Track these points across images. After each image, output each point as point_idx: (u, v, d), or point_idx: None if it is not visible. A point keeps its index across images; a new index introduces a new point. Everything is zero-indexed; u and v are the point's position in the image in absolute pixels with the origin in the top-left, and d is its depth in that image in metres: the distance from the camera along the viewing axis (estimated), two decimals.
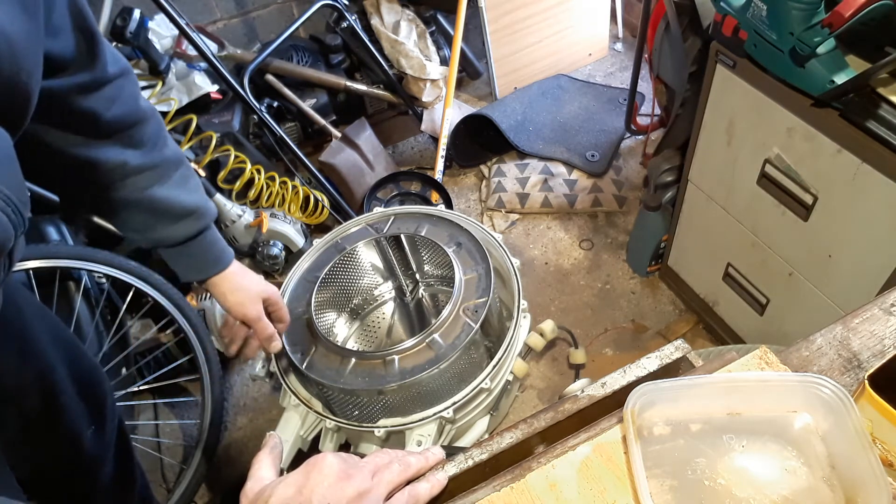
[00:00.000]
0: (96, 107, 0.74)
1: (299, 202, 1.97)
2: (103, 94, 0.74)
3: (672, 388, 0.53)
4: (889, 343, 0.59)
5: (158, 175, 0.82)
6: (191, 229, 0.88)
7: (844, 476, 0.49)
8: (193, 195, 0.87)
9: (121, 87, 0.76)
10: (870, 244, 1.10)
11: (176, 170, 0.85)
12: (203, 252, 0.91)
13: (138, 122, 0.79)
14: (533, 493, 0.52)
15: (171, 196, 0.84)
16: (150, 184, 0.82)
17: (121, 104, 0.76)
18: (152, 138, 0.81)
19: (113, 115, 0.75)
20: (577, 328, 1.80)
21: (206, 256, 0.92)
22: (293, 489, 0.50)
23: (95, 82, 0.73)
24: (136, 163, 0.79)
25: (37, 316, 0.89)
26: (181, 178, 0.85)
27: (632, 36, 2.78)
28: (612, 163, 2.22)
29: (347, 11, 2.11)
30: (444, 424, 1.18)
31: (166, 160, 0.83)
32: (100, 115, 0.74)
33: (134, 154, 0.79)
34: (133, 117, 0.78)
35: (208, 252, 0.92)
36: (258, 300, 0.98)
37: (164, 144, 0.84)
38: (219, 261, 0.93)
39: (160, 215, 0.85)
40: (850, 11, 0.90)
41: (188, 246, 0.89)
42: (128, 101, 0.77)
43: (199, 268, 0.92)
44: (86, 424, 0.96)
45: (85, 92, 0.72)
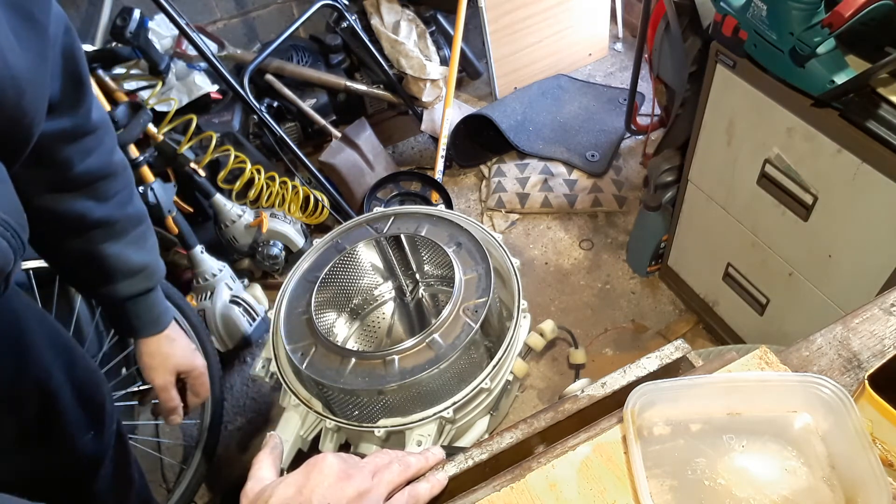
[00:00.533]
0: (72, 157, 0.72)
1: (299, 202, 1.97)
2: (82, 144, 0.73)
3: (672, 388, 0.53)
4: (889, 343, 0.59)
5: (116, 231, 0.81)
6: (134, 289, 0.86)
7: (844, 476, 0.49)
8: (147, 255, 0.86)
9: (100, 140, 0.76)
10: (870, 244, 1.10)
11: (135, 228, 0.84)
12: (139, 314, 0.89)
13: (108, 176, 0.78)
14: (533, 493, 0.52)
15: (124, 254, 0.83)
16: (105, 239, 0.80)
17: (96, 157, 0.75)
18: (119, 193, 0.80)
19: (86, 168, 0.74)
20: (577, 328, 1.80)
21: (140, 318, 0.90)
22: (293, 489, 0.50)
23: (76, 131, 0.72)
24: (97, 216, 0.78)
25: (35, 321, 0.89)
26: (138, 237, 0.85)
27: (632, 36, 2.78)
28: (612, 163, 2.22)
29: (347, 11, 2.11)
30: (444, 424, 1.18)
31: (127, 217, 0.82)
32: (73, 166, 0.73)
33: (97, 207, 0.78)
34: (104, 171, 0.77)
35: (144, 314, 0.90)
36: (171, 371, 0.95)
37: (129, 201, 0.83)
38: (154, 324, 0.91)
39: (108, 271, 0.83)
40: (850, 11, 0.90)
41: (128, 305, 0.87)
42: (103, 154, 0.76)
43: (131, 327, 0.90)
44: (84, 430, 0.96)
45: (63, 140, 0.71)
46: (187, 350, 0.97)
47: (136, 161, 1.61)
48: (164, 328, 0.92)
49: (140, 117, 1.61)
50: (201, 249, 1.72)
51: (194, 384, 1.00)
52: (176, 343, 0.95)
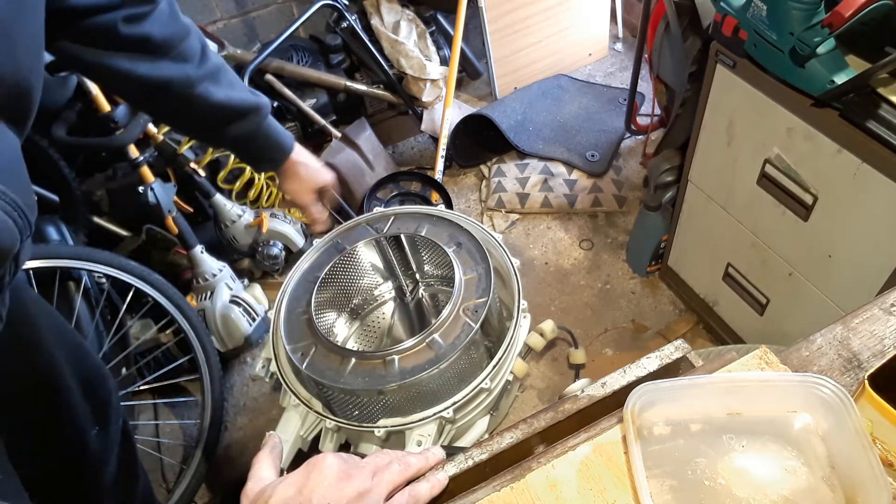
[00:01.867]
0: (149, 31, 0.81)
1: None
2: (152, 20, 0.81)
3: (672, 388, 0.53)
4: (889, 343, 0.59)
5: (215, 81, 0.89)
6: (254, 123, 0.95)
7: (844, 476, 0.49)
8: (245, 93, 0.94)
9: (163, 11, 0.83)
10: (870, 244, 1.10)
11: (225, 73, 0.92)
12: (267, 142, 0.99)
13: (185, 37, 0.86)
14: (533, 493, 0.52)
15: (231, 97, 0.91)
16: (212, 90, 0.89)
17: (168, 24, 0.83)
18: (200, 50, 0.88)
19: (164, 36, 0.82)
20: (577, 328, 1.80)
21: (270, 145, 1.00)
22: (293, 489, 0.50)
23: (142, 13, 0.80)
24: (196, 74, 0.87)
25: (42, 316, 0.89)
26: (230, 81, 0.93)
27: (632, 36, 2.78)
28: (612, 163, 2.22)
29: (347, 11, 2.11)
30: (444, 424, 1.18)
31: (216, 66, 0.90)
32: (153, 38, 0.81)
33: (189, 67, 0.86)
34: (180, 34, 0.85)
35: (271, 141, 1.00)
36: (313, 190, 1.08)
37: (209, 53, 0.90)
38: (282, 147, 1.01)
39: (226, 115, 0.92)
40: (850, 11, 0.90)
41: (255, 139, 0.97)
42: (172, 20, 0.84)
43: (269, 157, 1.01)
44: (90, 424, 0.96)
45: (133, 21, 0.79)
46: (319, 167, 1.09)
47: (136, 161, 1.62)
48: (292, 149, 1.03)
49: (140, 117, 1.61)
50: (201, 249, 1.72)
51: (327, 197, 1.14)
52: (309, 165, 1.07)
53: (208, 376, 1.57)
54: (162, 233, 1.75)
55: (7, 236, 0.52)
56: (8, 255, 0.53)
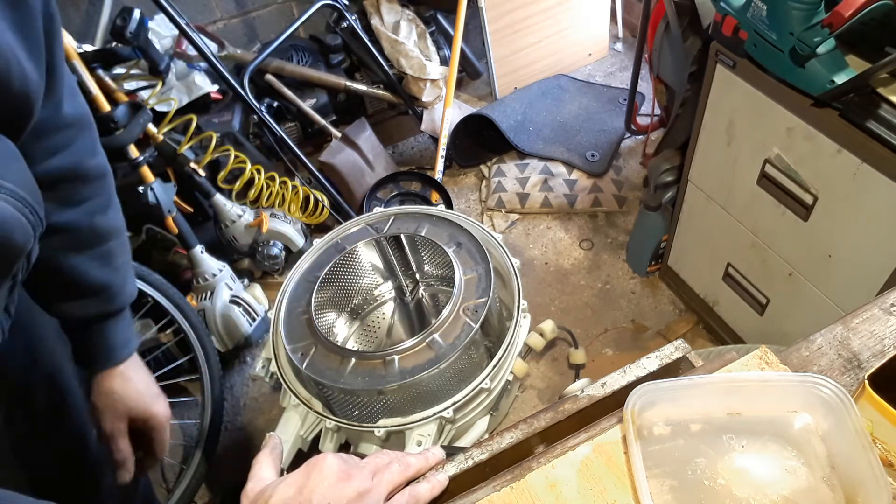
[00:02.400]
0: (33, 154, 0.64)
1: (299, 202, 1.97)
2: (47, 141, 0.66)
3: (672, 388, 0.53)
4: (889, 343, 0.59)
5: (79, 242, 0.73)
6: (89, 310, 0.76)
7: (844, 476, 0.49)
8: (110, 274, 0.76)
9: (70, 139, 0.68)
10: (870, 244, 1.10)
11: (103, 242, 0.75)
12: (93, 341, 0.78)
13: (76, 180, 0.70)
14: (533, 493, 0.52)
15: (83, 268, 0.73)
16: (64, 247, 0.72)
17: (63, 157, 0.68)
18: (89, 201, 0.72)
19: (48, 167, 0.66)
20: (577, 328, 1.80)
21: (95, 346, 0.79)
22: (293, 489, 0.50)
23: (42, 124, 0.64)
24: (54, 220, 0.68)
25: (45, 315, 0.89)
26: (105, 253, 0.75)
27: (632, 36, 2.78)
28: (612, 163, 2.22)
29: (347, 11, 2.11)
30: (444, 424, 1.18)
31: (94, 228, 0.73)
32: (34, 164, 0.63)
33: (57, 212, 0.69)
34: (72, 173, 0.69)
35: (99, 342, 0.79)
36: (121, 416, 0.81)
37: (101, 211, 0.74)
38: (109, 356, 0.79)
39: (63, 285, 0.74)
40: (850, 11, 0.90)
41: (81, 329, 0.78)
42: (73, 154, 0.68)
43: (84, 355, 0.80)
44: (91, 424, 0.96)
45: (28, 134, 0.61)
46: (146, 393, 0.82)
47: (136, 161, 1.61)
48: (119, 362, 0.80)
49: (140, 117, 1.61)
50: (201, 249, 1.72)
51: (152, 438, 0.84)
52: (131, 383, 0.81)
53: (208, 376, 1.57)
54: (162, 233, 1.75)
55: (21, 234, 0.52)
56: (23, 252, 0.54)
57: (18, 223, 0.52)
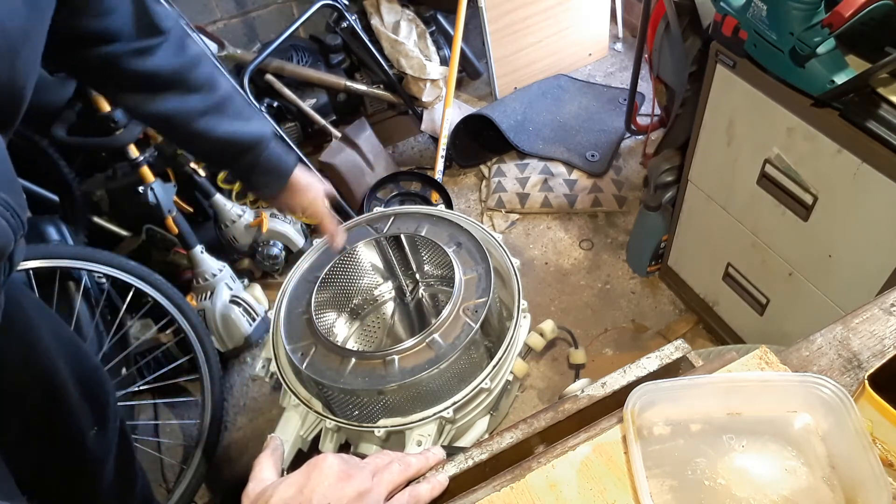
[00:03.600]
0: (154, 66, 0.80)
1: None
2: (158, 53, 0.80)
3: (672, 388, 0.54)
4: (889, 343, 0.59)
5: (219, 113, 0.90)
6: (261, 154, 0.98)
7: (844, 476, 0.49)
8: (251, 124, 0.96)
9: (172, 42, 0.81)
10: (870, 244, 1.10)
11: (232, 103, 0.92)
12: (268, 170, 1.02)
13: (192, 68, 0.85)
14: (533, 493, 0.52)
15: (234, 129, 0.92)
16: (216, 122, 0.90)
17: (175, 57, 0.82)
18: (207, 80, 0.87)
19: (170, 69, 0.82)
20: (577, 328, 1.80)
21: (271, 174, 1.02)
22: (294, 489, 0.50)
23: (150, 46, 0.78)
24: (199, 106, 0.87)
25: (40, 316, 0.89)
26: (236, 112, 0.93)
27: (632, 36, 2.78)
28: (612, 163, 2.22)
29: (347, 11, 2.11)
30: (444, 424, 1.18)
31: (221, 98, 0.91)
32: (158, 73, 0.81)
33: (195, 99, 0.86)
34: (187, 66, 0.84)
35: (273, 169, 1.02)
36: (323, 198, 1.12)
37: (217, 83, 0.90)
38: (283, 173, 1.04)
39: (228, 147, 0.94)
40: (850, 11, 0.90)
41: (257, 169, 1.00)
42: (179, 52, 0.83)
43: (269, 184, 1.04)
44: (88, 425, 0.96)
45: (141, 55, 0.78)
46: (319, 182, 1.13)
47: (136, 161, 1.61)
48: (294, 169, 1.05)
49: None
50: (201, 249, 1.72)
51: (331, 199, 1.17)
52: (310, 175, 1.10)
53: (208, 376, 1.57)
54: (162, 233, 1.75)
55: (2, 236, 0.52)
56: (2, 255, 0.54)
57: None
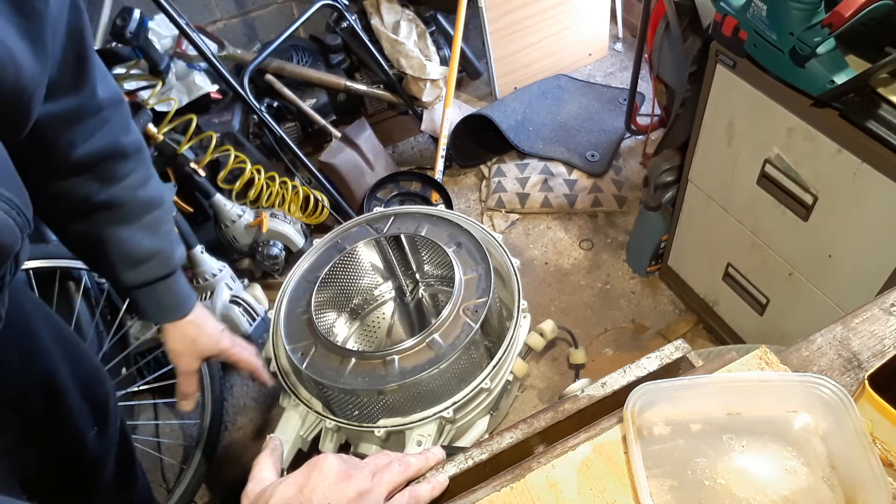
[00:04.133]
0: (74, 139, 0.70)
1: (299, 202, 1.97)
2: (86, 125, 0.71)
3: (672, 388, 0.53)
4: (889, 343, 0.59)
5: (125, 215, 0.79)
6: (147, 276, 0.84)
7: (844, 476, 0.49)
8: (160, 241, 0.83)
9: (106, 120, 0.73)
10: (870, 244, 1.10)
11: (148, 213, 0.81)
12: (157, 301, 0.88)
13: (115, 157, 0.75)
14: (533, 493, 0.52)
15: (133, 239, 0.80)
16: (112, 222, 0.78)
17: (101, 137, 0.72)
18: (129, 176, 0.77)
19: (90, 149, 0.72)
20: (577, 328, 1.80)
21: (160, 305, 0.89)
22: (294, 489, 0.50)
23: (80, 111, 0.69)
24: (101, 198, 0.75)
25: (40, 316, 0.89)
26: (151, 222, 0.82)
27: (632, 36, 2.78)
28: (612, 163, 2.22)
29: (347, 11, 2.11)
30: (444, 424, 1.18)
31: (137, 200, 0.79)
32: (75, 148, 0.70)
33: (102, 189, 0.75)
34: (111, 152, 0.74)
35: (163, 301, 0.88)
36: (197, 357, 0.95)
37: (142, 184, 0.80)
38: (174, 311, 0.90)
39: (117, 256, 0.81)
40: (850, 11, 0.90)
41: (142, 292, 0.86)
42: (110, 134, 0.73)
43: (149, 313, 0.89)
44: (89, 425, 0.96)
45: (66, 122, 0.68)
46: (214, 334, 0.96)
47: None
48: (186, 314, 0.91)
49: (140, 117, 1.61)
50: (201, 249, 1.72)
51: (236, 362, 1.00)
52: (202, 328, 0.94)
53: (208, 376, 1.57)
54: None
55: (8, 235, 0.52)
56: (10, 254, 0.54)
57: (6, 225, 0.52)
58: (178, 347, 0.93)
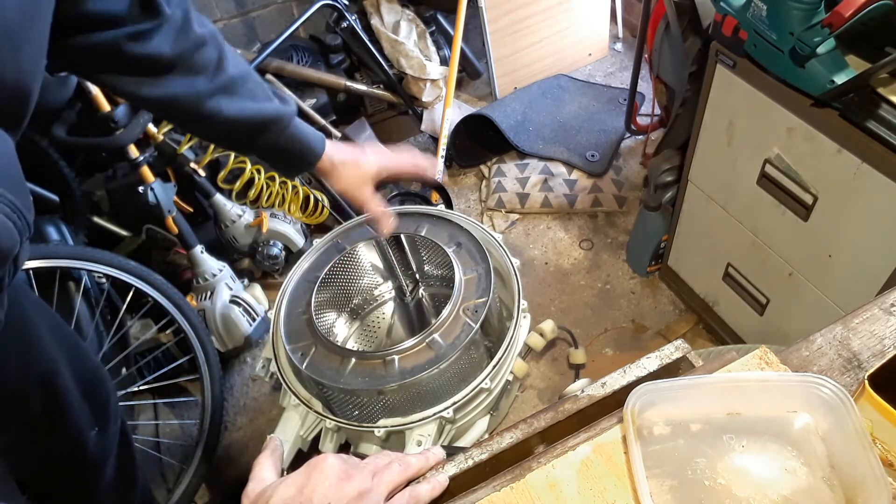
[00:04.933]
0: (157, 49, 0.76)
1: (299, 202, 1.97)
2: (161, 36, 0.76)
3: (672, 388, 0.54)
4: (889, 343, 0.59)
5: (229, 93, 0.85)
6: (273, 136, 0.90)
7: (844, 476, 0.49)
8: (265, 104, 0.89)
9: (176, 23, 0.77)
10: (870, 244, 1.10)
11: (243, 84, 0.87)
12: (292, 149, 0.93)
13: (197, 49, 0.80)
14: (533, 493, 0.52)
15: (246, 110, 0.86)
16: (225, 104, 0.84)
17: (179, 38, 0.78)
18: (214, 61, 0.83)
19: (173, 52, 0.77)
20: (577, 328, 1.80)
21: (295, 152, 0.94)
22: (294, 489, 0.50)
23: (153, 28, 0.75)
24: (206, 89, 0.82)
25: (40, 316, 0.89)
26: (248, 92, 0.88)
27: (632, 36, 2.78)
28: (612, 163, 2.22)
29: (347, 11, 2.11)
30: (444, 424, 1.18)
31: (232, 78, 0.85)
32: (161, 56, 0.76)
33: (202, 81, 0.82)
34: (192, 47, 0.80)
35: (296, 148, 0.94)
36: (361, 185, 0.99)
37: (226, 63, 0.85)
38: (309, 153, 0.95)
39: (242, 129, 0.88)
40: (850, 11, 0.90)
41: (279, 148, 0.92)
42: (182, 33, 0.78)
43: (295, 164, 0.95)
44: (89, 425, 0.96)
45: (142, 39, 0.74)
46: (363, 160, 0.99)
47: (136, 161, 1.61)
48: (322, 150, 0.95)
49: (140, 117, 1.61)
50: (201, 249, 1.72)
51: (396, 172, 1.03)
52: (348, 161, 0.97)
53: (208, 376, 1.57)
54: (162, 233, 1.75)
55: (7, 238, 0.52)
56: (8, 257, 0.54)
57: (5, 227, 0.52)
58: (340, 185, 0.98)
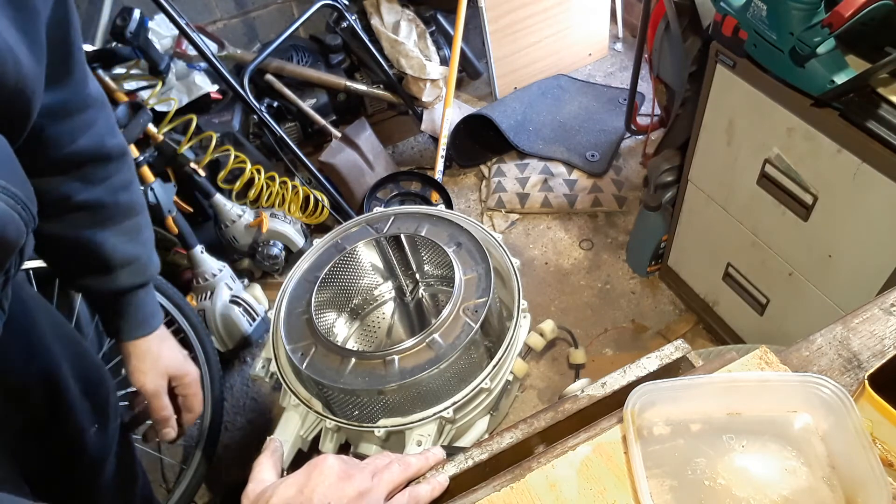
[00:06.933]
0: (59, 136, 0.68)
1: (299, 202, 1.97)
2: (71, 123, 0.69)
3: (672, 388, 0.54)
4: (889, 343, 0.59)
5: (104, 218, 0.76)
6: (121, 283, 0.80)
7: (844, 476, 0.49)
8: (138, 248, 0.80)
9: (92, 121, 0.71)
10: (870, 244, 1.10)
11: (128, 218, 0.78)
12: (127, 312, 0.83)
13: (100, 160, 0.73)
14: (533, 493, 0.52)
15: (110, 243, 0.76)
16: (90, 224, 0.75)
17: (87, 138, 0.70)
18: (111, 178, 0.75)
19: (74, 149, 0.69)
20: (577, 328, 1.80)
21: (129, 317, 0.83)
22: (294, 489, 0.50)
23: (65, 106, 0.67)
24: (81, 198, 0.72)
25: (41, 312, 0.89)
26: (130, 228, 0.79)
27: (632, 36, 2.78)
28: (612, 163, 2.22)
29: (347, 11, 2.11)
30: (444, 424, 1.18)
31: (118, 204, 0.76)
32: (60, 146, 0.68)
33: (83, 190, 0.72)
34: (96, 154, 0.72)
35: (133, 313, 0.83)
36: (162, 375, 0.87)
37: (124, 188, 0.77)
38: (144, 325, 0.85)
39: (92, 260, 0.77)
40: (850, 11, 0.90)
41: (114, 301, 0.81)
42: (95, 136, 0.72)
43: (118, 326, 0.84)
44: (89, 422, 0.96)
45: (50, 117, 0.66)
46: (179, 353, 0.90)
47: (136, 161, 1.61)
48: (155, 329, 0.86)
49: (140, 117, 1.61)
50: (201, 249, 1.72)
51: (187, 395, 0.91)
52: (166, 344, 0.88)
53: (208, 376, 1.57)
54: (162, 233, 1.75)
55: (13, 229, 0.52)
56: (15, 248, 0.54)
57: (11, 219, 0.52)
58: (142, 365, 0.85)
